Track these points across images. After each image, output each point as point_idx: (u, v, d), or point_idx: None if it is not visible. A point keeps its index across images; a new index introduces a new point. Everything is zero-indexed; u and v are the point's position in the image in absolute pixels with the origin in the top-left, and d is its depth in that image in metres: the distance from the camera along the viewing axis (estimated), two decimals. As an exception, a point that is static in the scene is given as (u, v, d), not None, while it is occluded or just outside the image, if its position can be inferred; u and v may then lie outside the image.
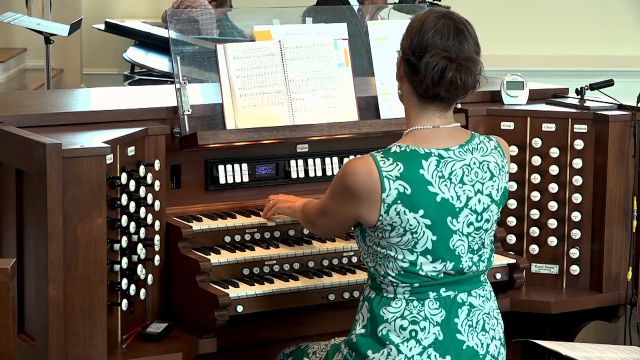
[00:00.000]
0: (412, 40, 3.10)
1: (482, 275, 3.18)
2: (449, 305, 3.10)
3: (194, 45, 3.94)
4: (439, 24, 3.08)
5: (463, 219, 3.08)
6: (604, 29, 10.80)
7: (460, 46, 3.07)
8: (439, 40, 3.06)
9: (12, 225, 3.44)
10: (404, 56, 3.12)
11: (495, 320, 3.19)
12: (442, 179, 3.05)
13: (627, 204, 4.21)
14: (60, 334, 3.24)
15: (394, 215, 3.02)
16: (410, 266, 3.06)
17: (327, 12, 4.46)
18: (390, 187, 3.02)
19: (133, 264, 3.50)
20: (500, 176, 3.15)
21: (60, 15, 9.71)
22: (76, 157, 3.24)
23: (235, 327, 3.70)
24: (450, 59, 3.05)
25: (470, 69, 3.07)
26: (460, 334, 3.11)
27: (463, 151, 3.10)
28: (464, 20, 3.14)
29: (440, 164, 3.06)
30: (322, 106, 4.01)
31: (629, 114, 4.19)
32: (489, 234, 3.16)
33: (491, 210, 3.13)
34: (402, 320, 3.08)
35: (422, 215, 3.03)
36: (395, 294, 3.10)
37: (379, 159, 3.05)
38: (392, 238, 3.05)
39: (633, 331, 4.21)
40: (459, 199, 3.07)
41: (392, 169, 3.03)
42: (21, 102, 4.17)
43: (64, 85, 10.13)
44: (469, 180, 3.09)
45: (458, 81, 3.05)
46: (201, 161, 3.88)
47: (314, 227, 3.41)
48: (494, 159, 3.14)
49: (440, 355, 3.08)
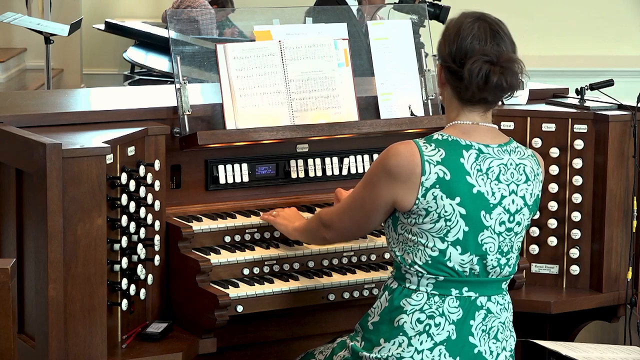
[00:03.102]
0: (450, 48, 3.14)
1: (504, 282, 3.20)
2: (467, 306, 3.12)
3: (194, 45, 3.94)
4: (475, 28, 3.12)
5: (496, 217, 3.10)
6: (604, 29, 10.80)
7: (499, 48, 3.12)
8: (478, 45, 3.10)
9: (12, 225, 3.44)
10: (444, 64, 3.16)
11: (509, 332, 3.21)
12: (479, 172, 3.09)
13: (627, 204, 4.21)
14: (60, 334, 3.24)
15: (430, 199, 3.05)
16: (439, 255, 3.08)
17: (327, 12, 4.47)
18: (430, 171, 3.05)
19: (133, 264, 3.50)
20: (534, 182, 3.18)
21: (60, 15, 9.71)
22: (76, 157, 3.24)
23: (235, 327, 3.70)
24: (492, 63, 3.09)
25: (512, 69, 3.11)
26: (472, 337, 3.12)
27: (501, 150, 3.14)
28: (497, 21, 3.18)
29: (479, 158, 3.10)
30: (322, 106, 4.01)
31: (629, 114, 4.19)
32: (518, 238, 3.18)
33: (523, 214, 3.16)
34: (420, 314, 3.10)
35: (458, 203, 3.06)
36: (418, 286, 3.11)
37: (422, 144, 3.10)
38: (425, 224, 3.08)
39: (633, 331, 4.21)
40: (494, 195, 3.10)
41: (434, 154, 3.07)
42: (21, 102, 4.17)
43: (64, 85, 10.13)
44: (505, 179, 3.12)
45: (504, 84, 3.10)
46: (201, 161, 3.88)
47: (328, 231, 3.38)
48: (530, 164, 3.18)
49: (450, 355, 3.10)
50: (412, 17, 4.60)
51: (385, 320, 3.15)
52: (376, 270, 3.78)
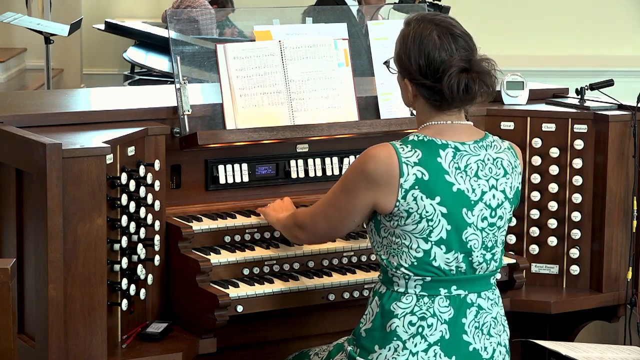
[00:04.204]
0: (418, 63, 3.10)
1: (492, 277, 3.19)
2: (458, 305, 3.11)
3: (194, 45, 3.94)
4: (435, 37, 3.09)
5: (478, 213, 3.10)
6: (604, 29, 10.80)
7: (465, 52, 3.10)
8: (446, 55, 3.07)
9: (12, 225, 3.44)
10: (415, 82, 3.12)
11: (501, 327, 3.21)
12: (458, 170, 3.09)
13: (627, 204, 4.21)
14: (60, 334, 3.24)
15: (410, 201, 3.05)
16: (424, 256, 3.08)
17: (327, 12, 4.47)
18: (409, 173, 3.05)
19: (133, 264, 3.50)
20: (513, 175, 3.18)
21: (60, 15, 9.70)
22: (76, 157, 3.24)
23: (235, 327, 3.70)
24: (466, 70, 3.07)
25: (486, 70, 3.11)
26: (466, 335, 3.12)
27: (477, 147, 3.14)
28: (449, 21, 3.15)
29: (456, 156, 3.09)
30: (322, 106, 4.01)
31: (629, 114, 4.19)
32: (501, 232, 3.18)
33: (504, 208, 3.16)
34: (411, 316, 3.09)
35: (439, 202, 3.05)
36: (406, 288, 3.11)
37: (398, 146, 3.09)
38: (407, 226, 3.07)
39: (633, 331, 4.21)
40: (474, 192, 3.10)
41: (411, 155, 3.06)
42: (21, 102, 4.17)
43: (64, 85, 10.13)
44: (484, 175, 3.12)
45: (484, 87, 3.10)
46: (201, 161, 3.88)
47: (301, 231, 3.37)
48: (507, 157, 3.18)
49: (445, 354, 3.09)
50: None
51: (377, 327, 3.13)
52: (376, 270, 3.78)
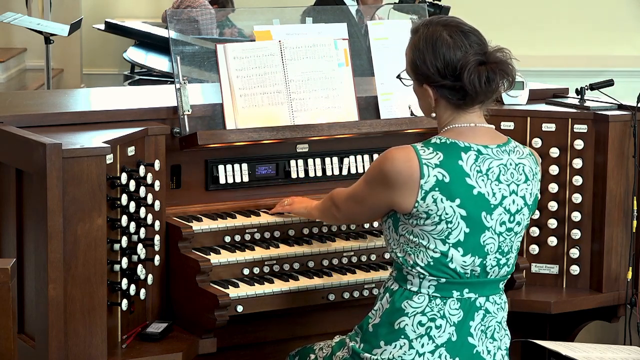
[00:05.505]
0: (435, 65, 3.10)
1: (502, 282, 3.20)
2: (467, 307, 3.12)
3: (194, 45, 3.94)
4: (447, 37, 3.09)
5: (497, 217, 3.10)
6: (603, 29, 10.80)
7: (477, 45, 3.10)
8: (460, 53, 3.08)
9: (12, 225, 3.44)
10: (435, 84, 3.12)
11: (504, 331, 3.22)
12: (479, 173, 3.09)
13: (627, 204, 4.21)
14: (60, 334, 3.24)
15: (430, 202, 3.05)
16: (441, 257, 3.08)
17: (327, 12, 4.47)
18: (429, 174, 3.05)
19: (133, 264, 3.50)
20: (533, 182, 3.18)
21: (60, 15, 9.70)
22: (76, 157, 3.24)
23: (235, 327, 3.70)
24: (484, 62, 3.08)
25: (502, 59, 3.11)
26: (472, 337, 3.13)
27: (500, 151, 3.14)
28: (455, 20, 3.16)
29: (478, 159, 3.09)
30: (322, 106, 4.01)
31: (629, 114, 4.19)
32: (517, 238, 3.18)
33: (523, 214, 3.16)
34: (421, 316, 3.10)
35: (459, 204, 3.06)
36: (419, 288, 3.11)
37: (419, 148, 3.09)
38: (426, 226, 3.07)
39: (633, 331, 4.21)
40: (495, 196, 3.10)
41: (432, 157, 3.06)
42: (21, 102, 4.17)
43: (64, 85, 10.12)
44: (505, 179, 3.12)
45: (506, 76, 3.10)
46: (201, 161, 3.88)
47: (338, 211, 3.39)
48: (529, 163, 3.18)
49: (450, 356, 3.10)
50: (412, 17, 4.59)
51: (385, 323, 3.14)
52: (376, 270, 3.79)
